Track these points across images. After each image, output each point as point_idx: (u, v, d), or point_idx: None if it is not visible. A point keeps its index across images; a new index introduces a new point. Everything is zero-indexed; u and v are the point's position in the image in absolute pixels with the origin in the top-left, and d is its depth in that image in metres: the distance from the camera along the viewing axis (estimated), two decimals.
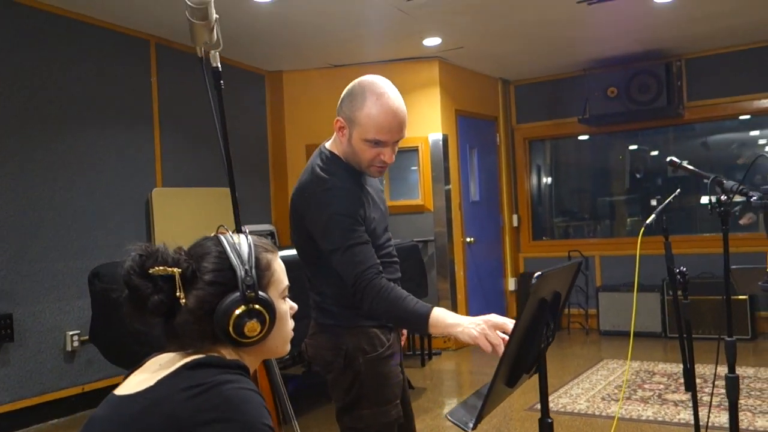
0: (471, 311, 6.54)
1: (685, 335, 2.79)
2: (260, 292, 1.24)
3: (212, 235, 1.34)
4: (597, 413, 4.13)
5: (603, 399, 4.41)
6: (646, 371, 5.05)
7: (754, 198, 1.92)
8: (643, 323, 6.28)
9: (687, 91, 6.53)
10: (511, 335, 1.46)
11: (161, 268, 1.20)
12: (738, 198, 2.04)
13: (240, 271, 1.23)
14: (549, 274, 1.47)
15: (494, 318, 1.71)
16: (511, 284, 7.24)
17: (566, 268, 1.63)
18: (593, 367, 5.28)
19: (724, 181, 2.16)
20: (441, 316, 1.79)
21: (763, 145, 7.02)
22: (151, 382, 1.18)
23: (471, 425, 1.38)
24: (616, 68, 6.51)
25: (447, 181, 6.31)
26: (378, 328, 2.04)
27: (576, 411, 4.19)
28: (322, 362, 2.04)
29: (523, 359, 1.50)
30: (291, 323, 1.36)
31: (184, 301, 1.21)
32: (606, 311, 6.49)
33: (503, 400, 1.66)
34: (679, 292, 2.75)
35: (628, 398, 4.38)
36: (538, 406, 4.45)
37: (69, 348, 4.52)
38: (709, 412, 2.84)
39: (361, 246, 1.91)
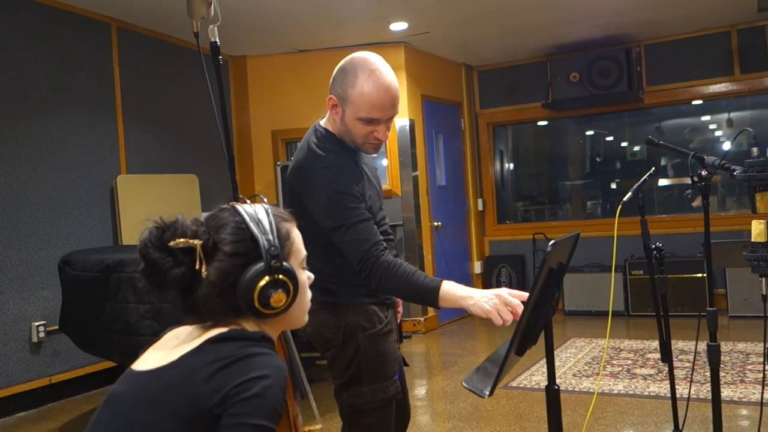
0: None
1: (661, 310, 2.86)
2: (284, 262, 1.23)
3: (226, 205, 1.32)
4: (570, 389, 4.23)
5: (574, 375, 4.51)
6: (612, 348, 5.18)
7: (737, 172, 1.98)
8: (607, 302, 6.43)
9: (646, 76, 6.68)
10: (526, 305, 1.49)
11: (182, 240, 1.18)
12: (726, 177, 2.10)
13: (263, 241, 1.22)
14: (559, 243, 1.50)
15: (506, 295, 1.73)
16: (477, 267, 7.33)
17: (570, 238, 1.67)
18: (561, 346, 5.39)
19: (705, 157, 2.22)
20: (451, 289, 1.81)
21: (713, 130, 7.25)
22: (173, 357, 1.17)
23: (487, 392, 1.40)
24: (578, 54, 6.62)
25: (414, 167, 6.33)
26: (376, 304, 2.05)
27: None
28: (321, 340, 2.04)
29: (532, 329, 1.53)
30: (309, 293, 1.35)
31: (205, 273, 1.19)
32: (570, 292, 6.63)
33: (512, 367, 1.69)
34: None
35: (598, 374, 4.50)
36: (513, 383, 4.50)
37: (35, 339, 4.40)
38: (691, 382, 2.93)
39: (365, 223, 1.91)
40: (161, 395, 1.13)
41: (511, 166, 7.98)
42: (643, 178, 2.94)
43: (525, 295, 1.73)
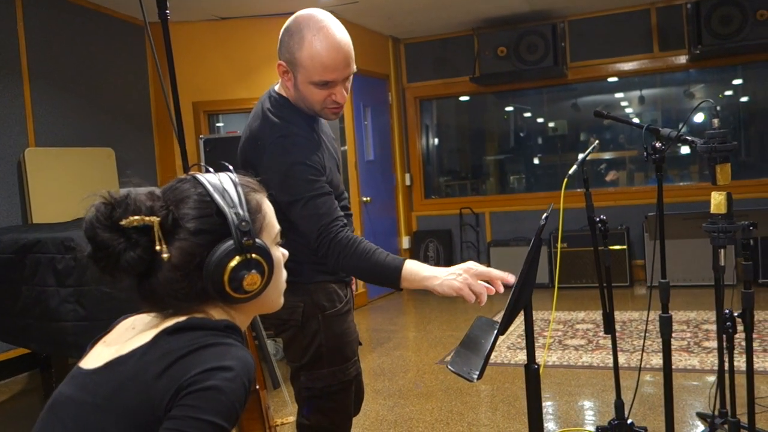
0: None
1: (605, 283, 2.88)
2: (256, 239, 1.08)
3: (186, 175, 1.15)
4: (506, 362, 4.26)
5: (508, 348, 4.56)
6: (542, 320, 5.28)
7: (700, 143, 1.98)
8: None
9: (569, 52, 6.78)
10: (517, 282, 1.42)
11: (136, 218, 1.02)
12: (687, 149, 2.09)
13: (231, 216, 1.06)
14: (550, 216, 1.44)
15: (475, 266, 1.65)
16: (405, 242, 7.30)
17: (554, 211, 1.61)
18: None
19: (660, 129, 2.22)
20: (414, 269, 1.70)
21: (625, 107, 7.48)
22: (123, 352, 1.02)
23: (475, 376, 1.32)
24: (505, 28, 6.63)
25: (343, 141, 6.19)
26: (336, 282, 1.94)
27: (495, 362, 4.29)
28: (278, 320, 1.91)
29: (519, 306, 1.47)
30: (284, 273, 1.21)
31: (166, 255, 1.03)
32: (497, 265, 6.56)
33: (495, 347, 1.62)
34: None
35: (544, 347, 4.55)
36: (449, 358, 4.50)
37: None
38: (642, 351, 2.98)
39: (324, 197, 1.79)
40: (110, 397, 0.98)
41: (436, 141, 7.97)
42: (588, 151, 2.92)
43: (491, 270, 1.66)
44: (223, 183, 1.10)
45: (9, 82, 4.63)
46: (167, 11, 1.72)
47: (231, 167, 1.17)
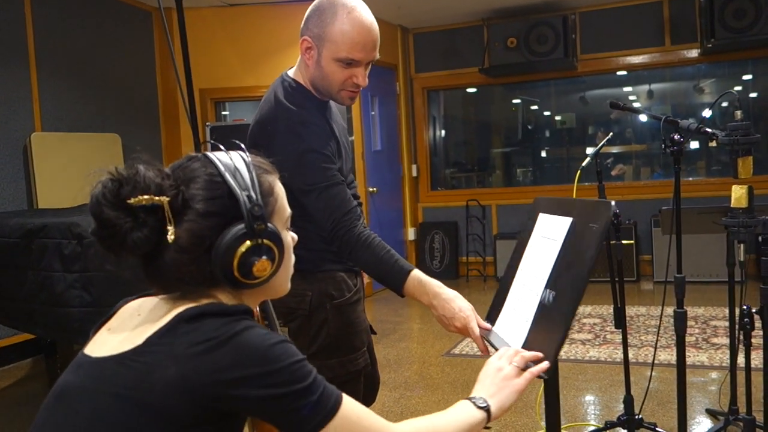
0: None
1: (616, 276, 2.85)
2: (268, 224, 1.05)
3: (197, 154, 1.10)
4: None
5: None
6: None
7: (722, 135, 1.94)
8: None
9: (580, 44, 6.72)
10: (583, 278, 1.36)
11: (145, 197, 0.98)
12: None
13: (243, 198, 1.02)
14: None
15: (478, 320, 1.63)
16: (411, 234, 7.27)
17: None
18: None
19: (679, 121, 2.18)
20: (420, 282, 1.70)
21: (633, 101, 7.42)
22: (139, 341, 0.98)
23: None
24: (515, 19, 6.57)
25: (350, 131, 6.15)
26: (345, 271, 1.91)
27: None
28: (285, 309, 1.87)
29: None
30: (293, 258, 1.18)
31: (173, 237, 0.99)
32: (503, 258, 6.67)
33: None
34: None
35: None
36: (455, 350, 4.48)
37: None
38: (656, 348, 2.94)
39: (338, 187, 1.77)
40: (133, 387, 0.94)
41: (443, 132, 7.92)
42: (601, 143, 2.89)
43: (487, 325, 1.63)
44: (235, 163, 1.06)
45: (16, 66, 4.60)
46: None
47: (243, 146, 1.13)
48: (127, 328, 1.04)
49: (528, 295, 1.48)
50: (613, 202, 1.29)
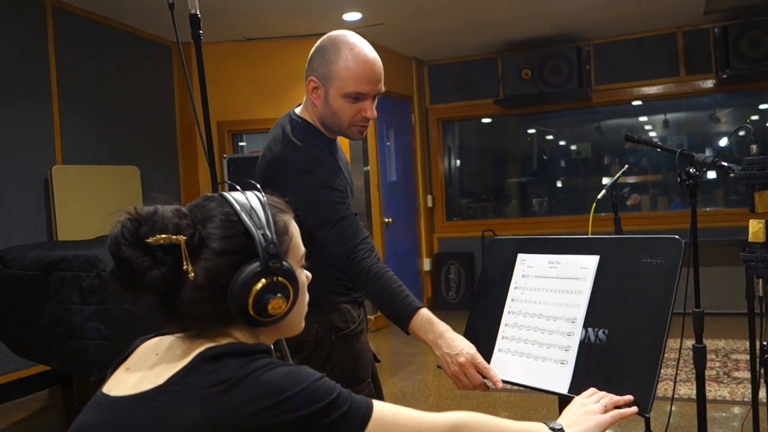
0: None
1: None
2: (283, 262, 1.06)
3: (213, 194, 1.12)
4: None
5: None
6: None
7: (738, 169, 1.93)
8: None
9: (595, 75, 6.75)
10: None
11: (163, 236, 0.99)
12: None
13: (258, 237, 1.04)
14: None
15: (479, 358, 1.61)
16: (427, 265, 7.25)
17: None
18: None
19: (695, 155, 2.17)
20: (425, 322, 1.68)
21: (649, 131, 7.41)
22: (161, 380, 0.99)
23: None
24: (529, 51, 6.62)
25: (366, 162, 6.20)
26: (349, 303, 1.94)
27: (518, 390, 4.22)
28: (291, 342, 1.88)
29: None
30: (307, 296, 1.19)
31: (192, 275, 1.00)
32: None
33: None
34: None
35: None
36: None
37: None
38: (675, 382, 2.90)
39: (351, 219, 1.80)
40: (154, 425, 0.95)
41: (458, 162, 7.95)
42: (617, 175, 2.89)
43: (490, 369, 1.61)
44: (250, 202, 1.08)
45: (38, 99, 4.69)
46: (200, 31, 1.72)
47: (258, 186, 1.15)
48: (145, 367, 1.05)
49: (547, 337, 1.46)
50: (680, 238, 1.29)
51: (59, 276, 3.11)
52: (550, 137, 7.73)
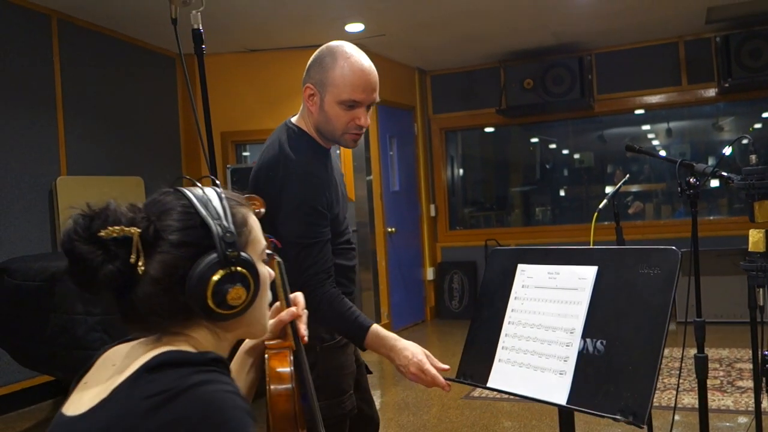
0: (392, 301, 6.49)
1: None
2: (241, 252, 1.04)
3: (169, 188, 1.10)
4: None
5: None
6: None
7: (737, 179, 1.94)
8: None
9: (596, 85, 6.76)
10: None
11: (115, 228, 0.97)
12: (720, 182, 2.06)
13: (215, 228, 1.02)
14: None
15: (425, 361, 1.77)
16: (430, 273, 7.26)
17: None
18: None
19: (695, 164, 2.18)
20: (379, 337, 1.79)
21: (652, 140, 7.42)
22: (105, 394, 0.95)
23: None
24: (531, 61, 6.64)
25: (368, 171, 6.22)
26: None
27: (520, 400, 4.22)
28: None
29: None
30: (270, 295, 1.16)
31: (143, 268, 0.98)
32: None
33: None
34: None
35: None
36: (474, 393, 4.43)
37: None
38: (677, 391, 2.90)
39: (321, 245, 1.84)
40: None
41: (461, 171, 7.97)
42: (618, 185, 2.89)
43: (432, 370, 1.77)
44: (207, 195, 1.07)
45: (43, 111, 4.73)
46: (203, 46, 1.74)
47: (217, 181, 1.15)
48: (102, 380, 1.01)
49: (546, 347, 1.47)
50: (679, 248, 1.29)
51: (63, 287, 3.12)
52: (552, 146, 7.74)
